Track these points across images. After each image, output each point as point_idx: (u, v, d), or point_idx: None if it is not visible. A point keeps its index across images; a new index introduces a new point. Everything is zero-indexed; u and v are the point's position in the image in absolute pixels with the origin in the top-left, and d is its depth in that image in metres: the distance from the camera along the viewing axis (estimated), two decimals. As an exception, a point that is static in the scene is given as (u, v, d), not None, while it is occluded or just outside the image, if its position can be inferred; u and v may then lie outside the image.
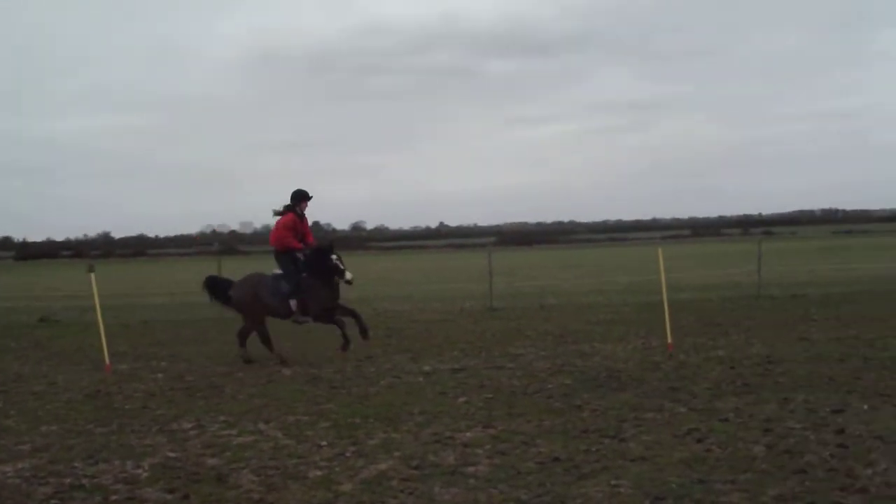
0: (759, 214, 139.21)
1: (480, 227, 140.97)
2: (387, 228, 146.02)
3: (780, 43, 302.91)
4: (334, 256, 12.89)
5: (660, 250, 14.80)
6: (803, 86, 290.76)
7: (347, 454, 7.83)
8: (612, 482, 6.60)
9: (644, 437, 7.98)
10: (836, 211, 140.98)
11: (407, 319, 19.91)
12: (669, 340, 13.28)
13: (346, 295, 14.43)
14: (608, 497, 6.28)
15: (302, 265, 12.96)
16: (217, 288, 13.64)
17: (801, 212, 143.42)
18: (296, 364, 12.94)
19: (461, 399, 10.18)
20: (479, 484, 6.70)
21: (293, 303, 12.92)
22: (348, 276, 12.84)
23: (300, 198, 13.19)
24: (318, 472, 7.27)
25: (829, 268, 35.51)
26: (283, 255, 13.06)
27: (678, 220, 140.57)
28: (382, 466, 7.36)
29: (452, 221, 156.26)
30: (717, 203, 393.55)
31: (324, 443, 8.28)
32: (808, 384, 10.21)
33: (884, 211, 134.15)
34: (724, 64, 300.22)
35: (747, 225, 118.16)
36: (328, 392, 10.95)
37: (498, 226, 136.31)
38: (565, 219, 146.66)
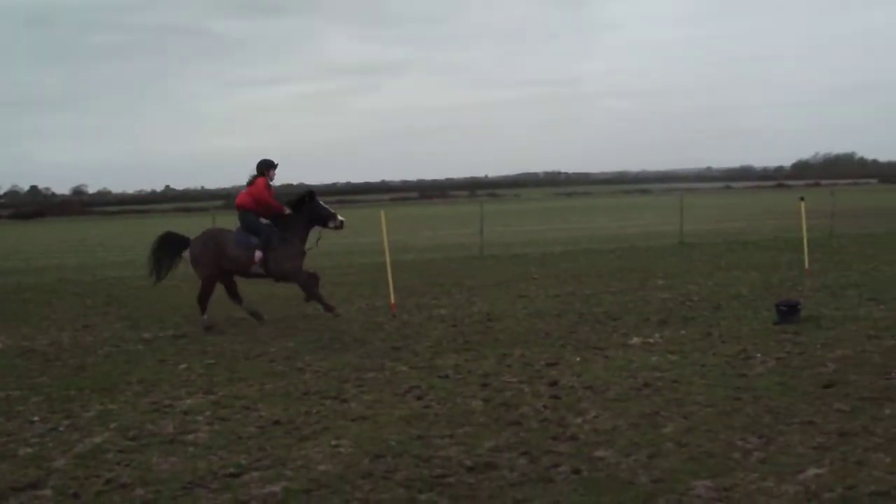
0: (486, 177, 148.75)
1: (208, 190, 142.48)
2: (109, 192, 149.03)
3: (510, 12, 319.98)
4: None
5: (382, 213, 15.94)
6: (530, 53, 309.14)
7: (61, 428, 8.11)
8: (333, 442, 7.34)
9: (365, 396, 8.86)
10: (559, 174, 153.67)
11: (128, 286, 20.13)
12: (392, 301, 14.48)
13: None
14: (328, 457, 6.98)
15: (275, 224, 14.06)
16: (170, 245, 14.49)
17: (526, 174, 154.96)
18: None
19: (182, 366, 10.75)
20: (199, 451, 7.22)
21: (258, 254, 13.73)
22: (340, 218, 14.15)
23: (268, 166, 14.22)
24: (29, 450, 7.50)
25: (550, 228, 39.09)
26: (250, 213, 14.03)
27: (407, 182, 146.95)
28: (98, 439, 7.70)
29: (179, 185, 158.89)
30: (446, 166, 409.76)
31: (35, 418, 8.50)
32: (525, 340, 11.66)
33: (603, 174, 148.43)
34: (455, 31, 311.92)
35: (474, 187, 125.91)
36: (42, 365, 11.15)
37: (226, 189, 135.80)
38: (294, 181, 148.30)
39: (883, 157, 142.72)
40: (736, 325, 12.21)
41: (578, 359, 10.35)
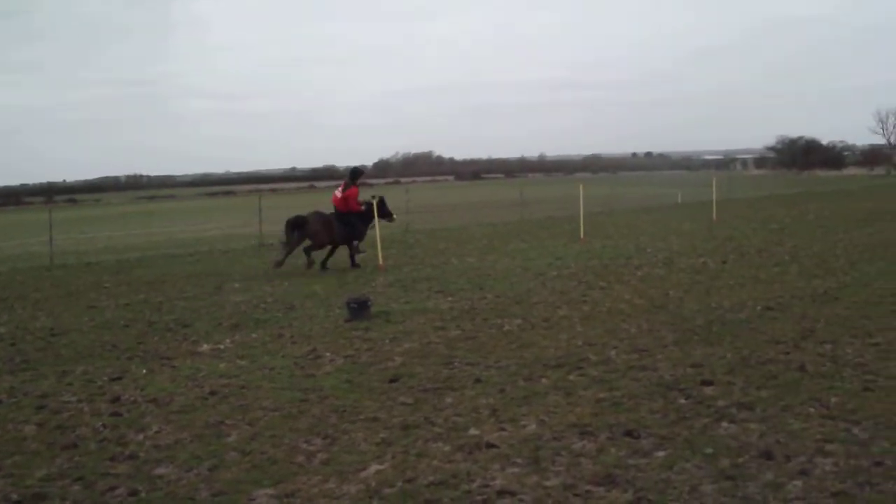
0: (64, 181, 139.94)
1: None
2: None
3: (86, 6, 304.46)
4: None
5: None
6: (106, 52, 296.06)
7: None
8: None
9: None
10: (141, 177, 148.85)
11: None
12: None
13: None
14: None
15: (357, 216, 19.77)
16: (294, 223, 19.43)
17: (106, 178, 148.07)
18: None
19: None
20: None
21: (356, 243, 19.63)
22: (395, 217, 21.17)
23: (361, 173, 21.05)
24: None
25: (129, 234, 37.56)
26: (347, 214, 19.51)
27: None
28: None
29: None
30: (19, 171, 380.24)
31: None
32: (90, 354, 10.94)
33: (186, 176, 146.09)
34: (23, 26, 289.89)
35: (52, 193, 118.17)
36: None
37: None
38: None
39: (459, 155, 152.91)
40: (308, 324, 12.31)
41: (145, 371, 9.90)
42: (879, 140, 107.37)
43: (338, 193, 19.78)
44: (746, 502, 5.55)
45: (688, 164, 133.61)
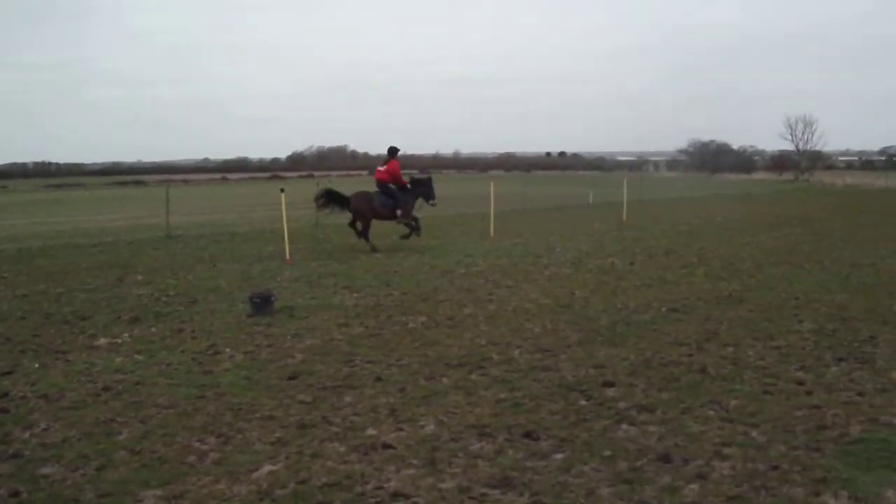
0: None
1: None
2: None
3: None
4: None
5: None
6: (12, 35, 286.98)
7: None
8: None
9: None
10: (50, 164, 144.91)
11: None
12: None
13: None
14: None
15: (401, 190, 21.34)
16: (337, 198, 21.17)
17: (13, 164, 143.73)
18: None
19: None
20: None
21: (398, 211, 21.09)
22: (435, 201, 22.05)
23: (397, 150, 21.49)
24: None
25: (32, 222, 36.43)
26: (387, 184, 21.12)
27: None
28: None
29: None
30: None
31: None
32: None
33: (96, 164, 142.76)
34: None
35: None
36: None
37: None
38: None
39: (372, 150, 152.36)
40: (209, 319, 12.03)
41: (37, 365, 9.52)
42: (788, 146, 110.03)
43: (381, 169, 21.50)
44: (641, 506, 5.55)
45: (601, 165, 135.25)
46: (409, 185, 21.46)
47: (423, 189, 21.57)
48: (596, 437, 6.81)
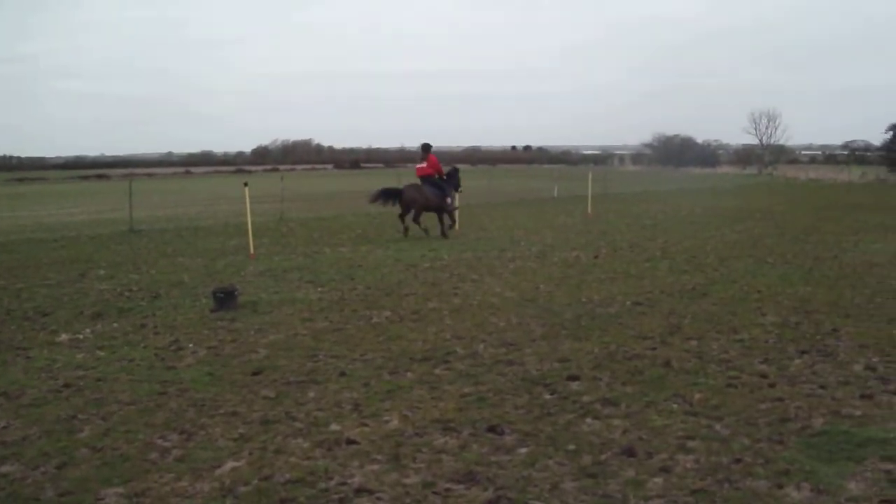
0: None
1: None
2: None
3: None
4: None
5: None
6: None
7: None
8: None
9: None
10: (11, 158, 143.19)
11: None
12: None
13: None
14: None
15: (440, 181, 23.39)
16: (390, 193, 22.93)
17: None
18: None
19: None
20: None
21: (448, 200, 23.12)
22: (461, 189, 24.50)
23: (430, 147, 23.79)
24: None
25: (-7, 216, 36.07)
26: (432, 177, 23.20)
27: None
28: None
29: None
30: None
31: None
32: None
33: (59, 158, 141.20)
34: None
35: None
36: None
37: None
38: None
39: (337, 144, 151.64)
40: (172, 314, 11.93)
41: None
42: (752, 140, 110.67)
43: (422, 165, 23.65)
44: (607, 500, 5.54)
45: (566, 159, 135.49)
46: (444, 177, 23.64)
47: (454, 179, 23.85)
48: (560, 430, 6.81)
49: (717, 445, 6.44)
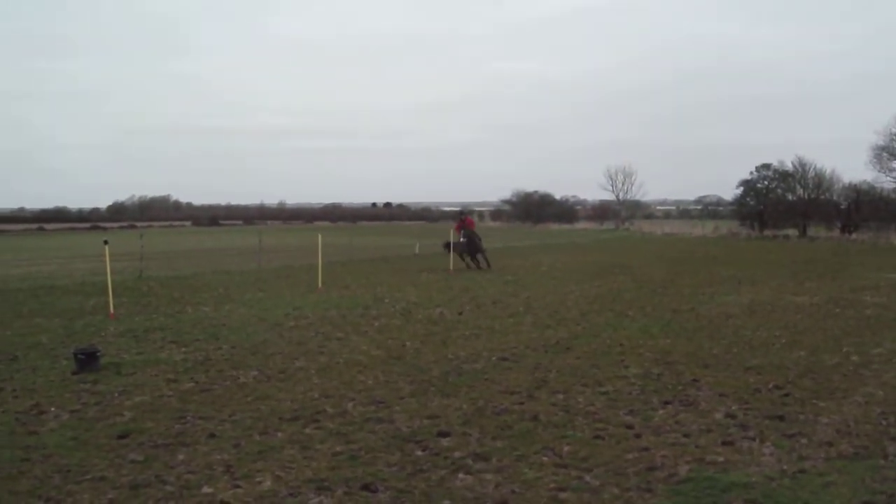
0: None
1: None
2: None
3: None
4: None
5: None
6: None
7: None
8: None
9: None
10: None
11: None
12: None
13: None
14: None
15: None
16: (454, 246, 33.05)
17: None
18: None
19: None
20: None
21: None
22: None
23: (466, 212, 43.43)
24: None
25: None
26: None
27: None
28: None
29: None
30: None
31: None
32: None
33: None
34: None
35: None
36: None
37: None
38: None
39: (197, 200, 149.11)
40: (31, 377, 11.52)
41: None
42: (609, 196, 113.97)
43: (471, 219, 35.29)
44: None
45: (427, 216, 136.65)
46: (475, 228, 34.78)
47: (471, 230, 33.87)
48: (434, 487, 6.92)
49: (588, 496, 6.67)
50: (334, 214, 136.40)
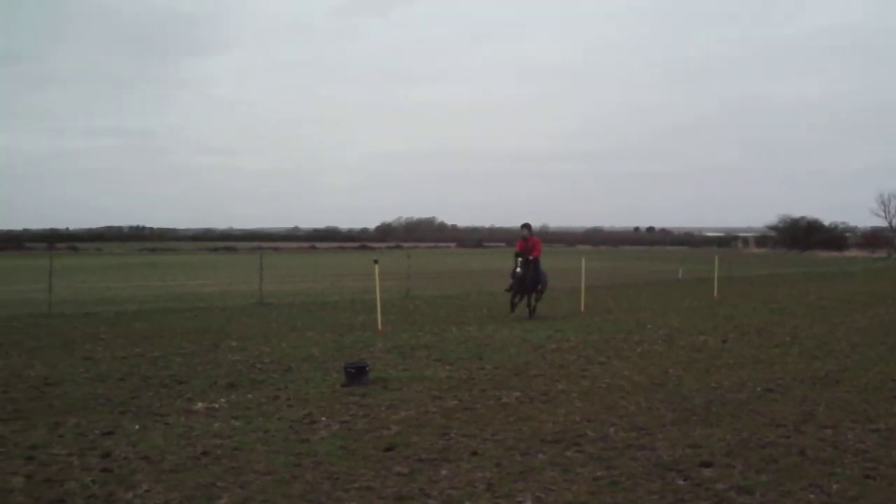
0: (67, 229, 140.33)
1: None
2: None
3: (84, 57, 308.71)
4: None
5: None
6: (106, 102, 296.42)
7: None
8: None
9: None
10: (144, 228, 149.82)
11: None
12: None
13: None
14: None
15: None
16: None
17: (109, 228, 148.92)
18: None
19: None
20: None
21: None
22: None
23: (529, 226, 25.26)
24: None
25: (129, 285, 37.49)
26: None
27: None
28: None
29: None
30: (21, 216, 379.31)
31: None
32: (83, 406, 10.81)
33: (189, 230, 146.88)
34: (33, 72, 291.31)
35: (53, 240, 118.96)
36: None
37: None
38: None
39: (461, 223, 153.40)
40: (304, 387, 12.18)
41: (137, 427, 9.74)
42: (881, 222, 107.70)
43: (529, 240, 24.70)
44: None
45: (689, 241, 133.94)
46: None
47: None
48: (697, 519, 6.71)
49: (860, 539, 6.25)
50: (596, 238, 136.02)
